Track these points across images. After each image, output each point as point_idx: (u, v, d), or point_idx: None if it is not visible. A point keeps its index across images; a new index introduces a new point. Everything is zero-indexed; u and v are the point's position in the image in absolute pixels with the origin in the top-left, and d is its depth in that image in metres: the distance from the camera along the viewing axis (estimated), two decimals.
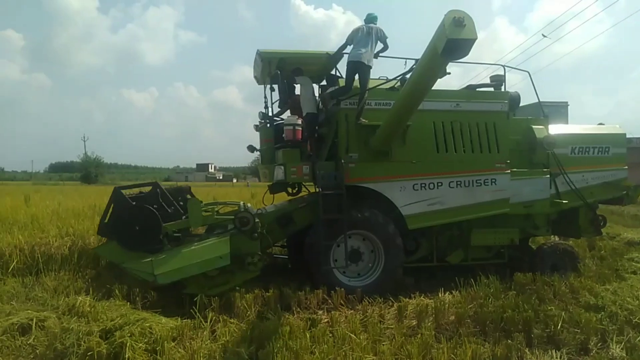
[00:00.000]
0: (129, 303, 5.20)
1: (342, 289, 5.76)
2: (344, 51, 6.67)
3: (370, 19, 6.51)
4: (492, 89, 7.21)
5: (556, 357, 4.10)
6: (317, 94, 7.31)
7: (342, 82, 6.70)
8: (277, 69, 7.12)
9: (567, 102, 8.60)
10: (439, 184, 6.69)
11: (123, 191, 6.21)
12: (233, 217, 6.06)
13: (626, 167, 7.63)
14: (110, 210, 6.09)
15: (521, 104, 7.49)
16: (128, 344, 3.95)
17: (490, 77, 7.34)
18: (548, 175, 7.13)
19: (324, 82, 7.78)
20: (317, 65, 7.47)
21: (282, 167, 6.53)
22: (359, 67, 6.29)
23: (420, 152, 6.67)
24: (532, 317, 4.73)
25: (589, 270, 7.14)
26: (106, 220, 6.09)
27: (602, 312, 5.11)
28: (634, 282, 6.43)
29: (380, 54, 6.57)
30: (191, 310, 5.07)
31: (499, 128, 6.91)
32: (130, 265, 5.67)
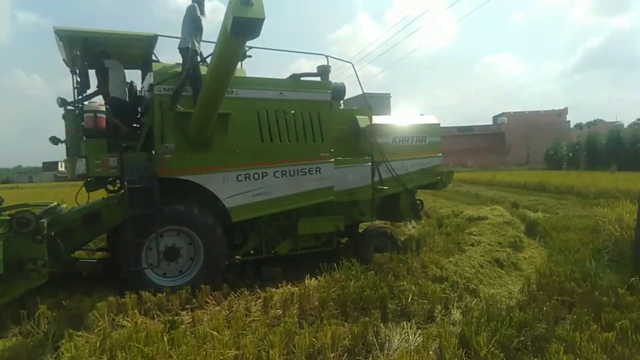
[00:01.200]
0: None
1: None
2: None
3: None
4: (318, 79, 7.30)
5: (407, 328, 4.44)
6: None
7: (155, 67, 6.33)
8: (80, 51, 6.40)
9: (389, 94, 9.28)
10: (264, 174, 6.63)
11: None
12: (8, 218, 5.19)
13: (440, 154, 8.44)
14: None
15: (351, 96, 8.07)
16: None
17: (317, 67, 7.36)
18: (369, 163, 7.51)
19: None
20: (133, 49, 6.95)
21: (84, 160, 5.95)
22: (182, 53, 6.11)
23: (244, 141, 6.53)
24: (387, 294, 5.06)
25: (437, 245, 7.93)
26: None
27: (446, 282, 5.70)
28: (472, 253, 7.28)
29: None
30: (30, 327, 4.49)
31: (322, 117, 7.04)
32: None
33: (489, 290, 5.85)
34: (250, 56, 6.75)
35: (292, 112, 6.82)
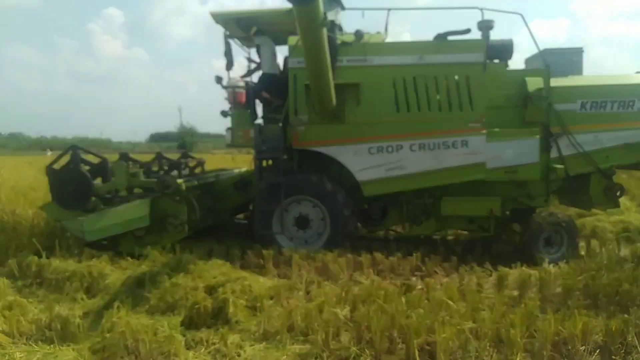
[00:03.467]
0: (228, 263, 5.49)
1: None
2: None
3: None
4: (470, 37, 6.25)
5: None
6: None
7: (291, 40, 6.27)
8: (234, 31, 6.87)
9: (581, 48, 6.82)
10: (399, 147, 6.09)
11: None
12: (156, 180, 6.06)
13: None
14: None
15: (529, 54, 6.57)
16: (231, 300, 4.17)
17: (478, 23, 6.25)
18: (537, 136, 6.09)
19: None
20: (283, 25, 6.72)
21: (230, 131, 6.48)
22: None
23: (377, 112, 6.14)
24: None
25: None
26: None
27: None
28: None
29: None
30: (286, 271, 5.26)
31: (472, 82, 6.07)
32: (66, 223, 5.99)
33: None
34: (328, 23, 5.68)
35: (435, 77, 6.10)
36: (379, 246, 6.26)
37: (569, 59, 6.50)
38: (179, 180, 6.01)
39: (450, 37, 6.24)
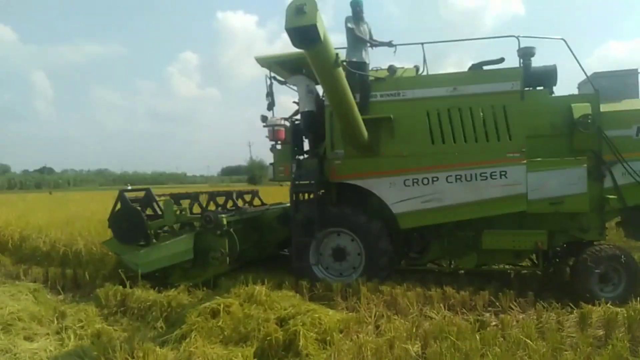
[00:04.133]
0: (297, 294, 5.58)
1: None
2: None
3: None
4: (503, 66, 6.12)
5: None
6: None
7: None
8: (276, 73, 7.15)
9: (636, 70, 6.26)
10: (435, 179, 6.04)
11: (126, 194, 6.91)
12: (200, 216, 6.39)
13: None
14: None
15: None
16: (301, 333, 4.23)
17: (517, 51, 6.10)
18: (584, 165, 5.65)
19: None
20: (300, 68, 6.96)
21: (272, 166, 6.88)
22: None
23: (411, 144, 6.17)
24: None
25: None
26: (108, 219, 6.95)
27: None
28: None
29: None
30: (356, 304, 5.25)
31: (510, 111, 5.88)
32: (124, 257, 6.58)
33: None
34: (343, 62, 5.86)
35: (470, 108, 5.99)
36: (449, 280, 6.08)
37: (622, 81, 6.13)
38: (222, 216, 6.25)
39: (486, 67, 6.23)
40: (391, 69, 6.37)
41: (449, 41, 6.97)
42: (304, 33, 4.30)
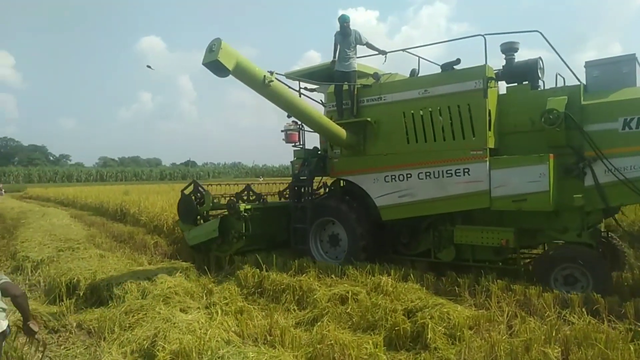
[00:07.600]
0: (423, 288, 5.55)
1: None
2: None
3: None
4: (472, 65, 6.07)
5: None
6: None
7: (330, 88, 7.36)
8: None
9: (633, 55, 5.59)
10: (408, 176, 6.49)
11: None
12: (226, 204, 7.79)
13: None
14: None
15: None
16: (429, 326, 4.22)
17: (501, 45, 6.32)
18: (547, 162, 5.39)
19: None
20: (325, 77, 7.63)
21: (292, 163, 8.22)
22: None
23: (391, 144, 6.72)
24: None
25: None
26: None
27: None
28: None
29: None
30: (485, 301, 5.07)
31: (474, 110, 5.93)
32: (185, 233, 8.20)
33: None
34: (272, 80, 5.84)
35: (438, 108, 6.24)
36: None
37: (617, 70, 5.63)
38: (242, 204, 7.66)
39: (456, 67, 6.35)
40: (376, 76, 7.07)
41: (403, 50, 7.05)
42: (214, 66, 5.26)
